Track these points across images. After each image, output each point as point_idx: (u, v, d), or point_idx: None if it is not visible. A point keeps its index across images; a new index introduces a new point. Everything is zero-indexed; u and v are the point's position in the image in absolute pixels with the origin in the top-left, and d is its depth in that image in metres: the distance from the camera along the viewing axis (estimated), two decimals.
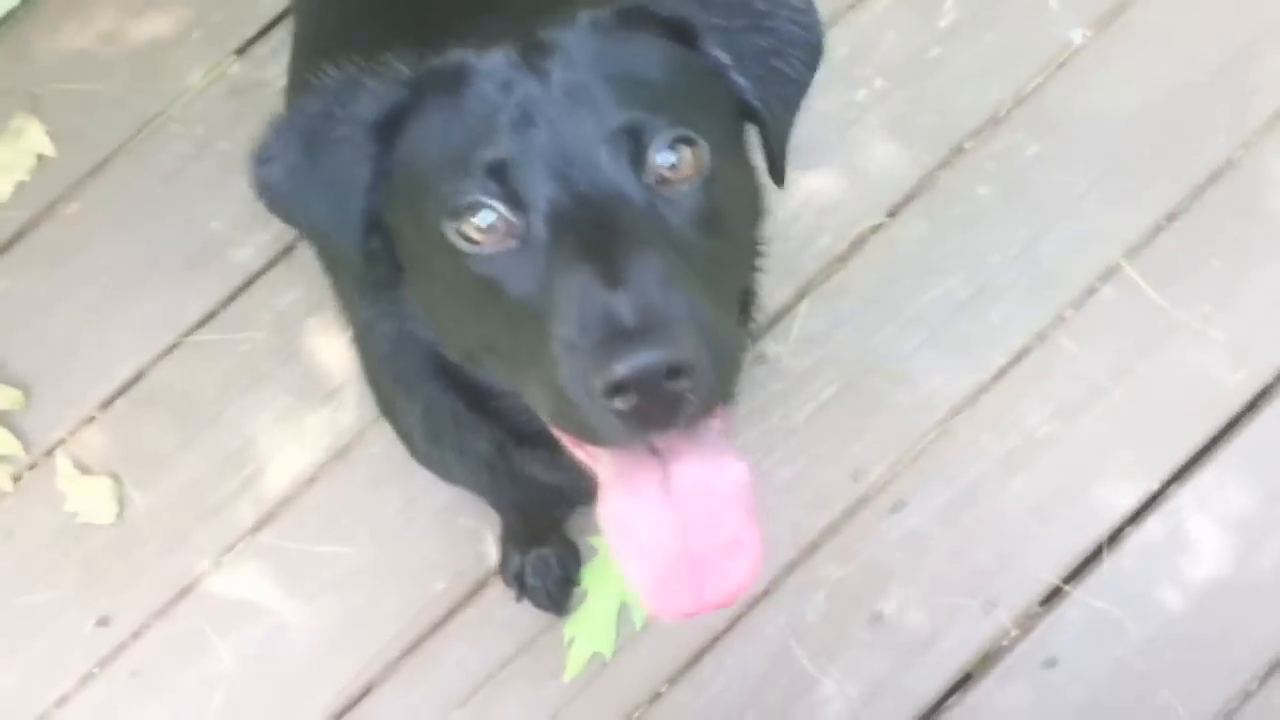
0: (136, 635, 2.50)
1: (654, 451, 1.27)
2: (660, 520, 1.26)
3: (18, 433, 2.59)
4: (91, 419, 2.60)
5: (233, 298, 2.62)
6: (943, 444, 2.48)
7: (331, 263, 1.85)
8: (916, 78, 2.68)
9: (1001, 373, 2.51)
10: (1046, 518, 2.44)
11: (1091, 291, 2.54)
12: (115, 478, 2.56)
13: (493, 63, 1.31)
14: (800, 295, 2.57)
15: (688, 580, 1.26)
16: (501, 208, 1.26)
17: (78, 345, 2.64)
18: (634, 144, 1.26)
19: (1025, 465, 2.46)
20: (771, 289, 2.47)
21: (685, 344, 1.13)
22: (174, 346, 2.63)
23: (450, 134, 1.31)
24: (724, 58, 1.38)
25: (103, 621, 2.51)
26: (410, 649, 2.46)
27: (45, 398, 2.62)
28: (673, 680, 2.42)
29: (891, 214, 2.61)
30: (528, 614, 2.45)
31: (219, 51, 2.77)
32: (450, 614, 2.47)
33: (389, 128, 1.35)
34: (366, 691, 2.45)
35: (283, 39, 2.69)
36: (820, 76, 2.59)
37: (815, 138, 2.65)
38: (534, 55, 1.31)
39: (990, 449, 2.47)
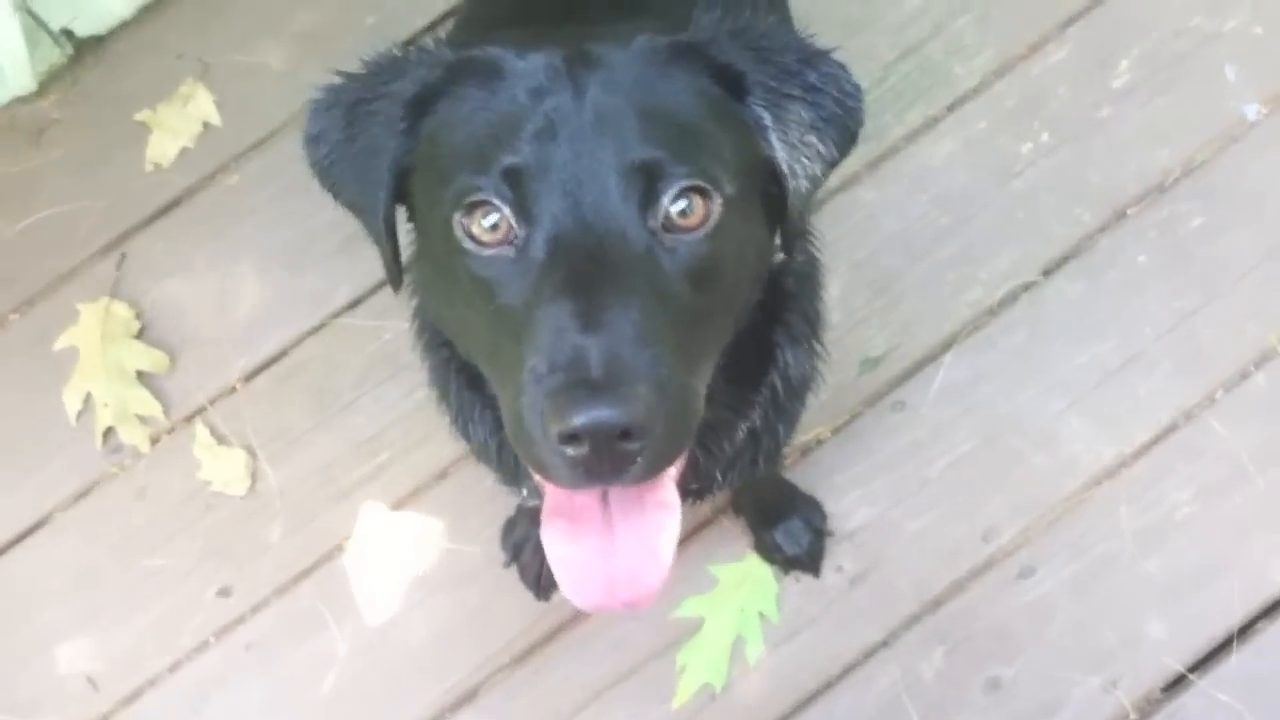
0: (255, 609, 2.39)
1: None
2: (592, 545, 1.27)
3: (159, 395, 2.49)
4: (233, 390, 2.50)
5: (381, 285, 2.50)
6: (1078, 513, 2.31)
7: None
8: (1084, 136, 2.50)
9: (1145, 447, 2.33)
10: (1177, 601, 2.26)
11: (1245, 375, 2.35)
12: (250, 451, 2.46)
13: (532, 65, 1.25)
14: (946, 345, 2.41)
15: (605, 580, 1.27)
16: (509, 212, 1.20)
17: (225, 316, 2.54)
18: (648, 183, 1.20)
19: (1161, 544, 2.29)
20: (919, 334, 2.36)
21: (642, 408, 1.10)
22: (320, 327, 2.52)
23: (476, 126, 1.25)
24: (766, 118, 1.30)
25: (224, 592, 2.41)
26: (521, 657, 2.33)
27: (189, 364, 2.52)
28: None
29: (1046, 272, 2.44)
30: (640, 634, 2.32)
31: (390, 39, 2.64)
32: (564, 626, 2.34)
33: (421, 105, 1.30)
34: (473, 694, 2.33)
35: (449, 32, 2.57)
36: (985, 124, 2.48)
37: (975, 186, 2.49)
38: (577, 67, 1.24)
39: (1127, 523, 2.30)
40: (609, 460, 1.12)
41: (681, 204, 1.21)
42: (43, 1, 2.61)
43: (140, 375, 2.50)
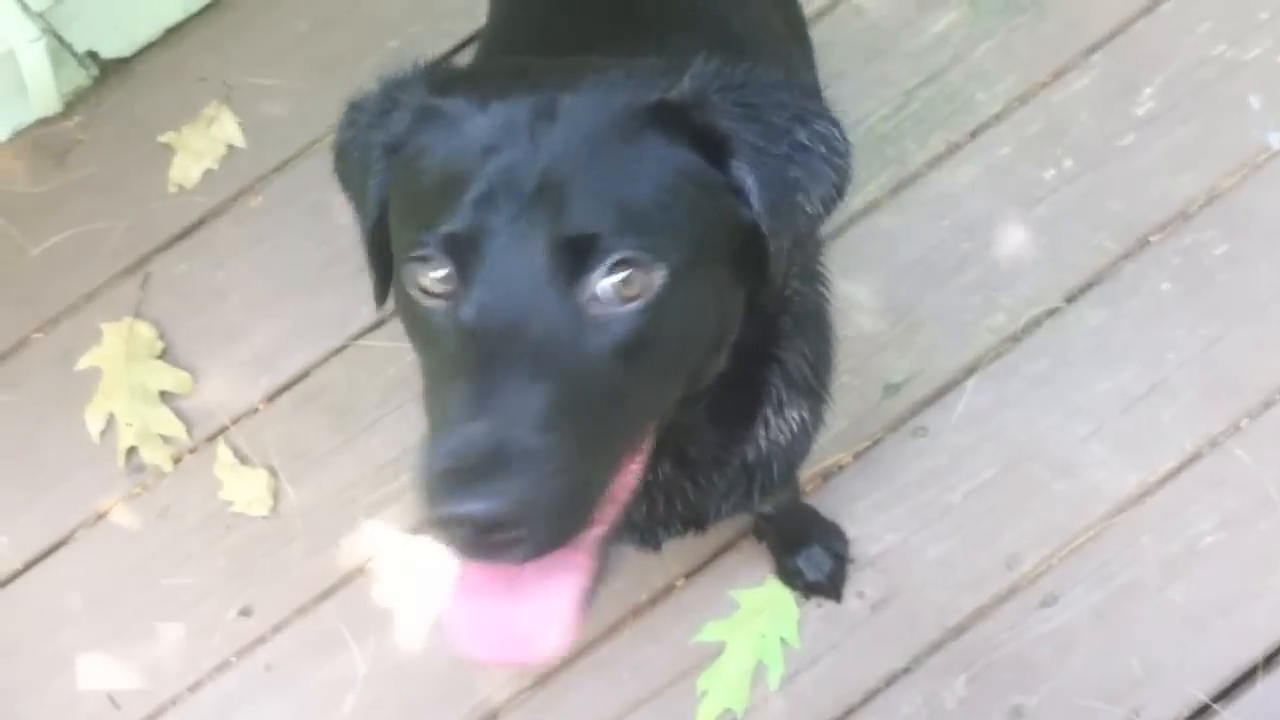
0: (276, 629, 2.41)
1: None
2: (491, 601, 1.25)
3: (181, 415, 2.52)
4: (255, 410, 2.52)
5: None
6: (1102, 541, 2.32)
7: None
8: (1107, 163, 2.52)
9: (1170, 475, 2.34)
10: (1201, 631, 2.27)
11: (1269, 403, 2.36)
12: (272, 471, 2.48)
13: (491, 119, 1.23)
14: (969, 371, 2.42)
15: (500, 637, 1.25)
16: (451, 269, 1.20)
17: (248, 337, 2.57)
18: (578, 259, 1.18)
19: (1185, 573, 2.29)
20: (940, 359, 2.38)
21: (510, 502, 1.10)
22: (341, 348, 2.54)
23: (430, 179, 1.25)
24: (749, 181, 1.26)
25: (245, 612, 2.43)
26: (542, 680, 2.34)
27: (211, 384, 2.55)
28: None
29: (1069, 299, 2.45)
30: (660, 660, 2.33)
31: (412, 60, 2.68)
32: (584, 650, 2.35)
33: (396, 149, 1.31)
34: (493, 717, 2.34)
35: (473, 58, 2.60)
36: (1008, 150, 2.50)
37: (997, 213, 2.51)
38: (541, 121, 1.22)
39: (1150, 552, 2.30)
40: (485, 547, 1.13)
41: (614, 278, 1.18)
42: (68, 24, 2.64)
43: (163, 395, 2.53)
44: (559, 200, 1.19)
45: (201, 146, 2.68)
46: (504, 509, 1.10)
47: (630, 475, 1.30)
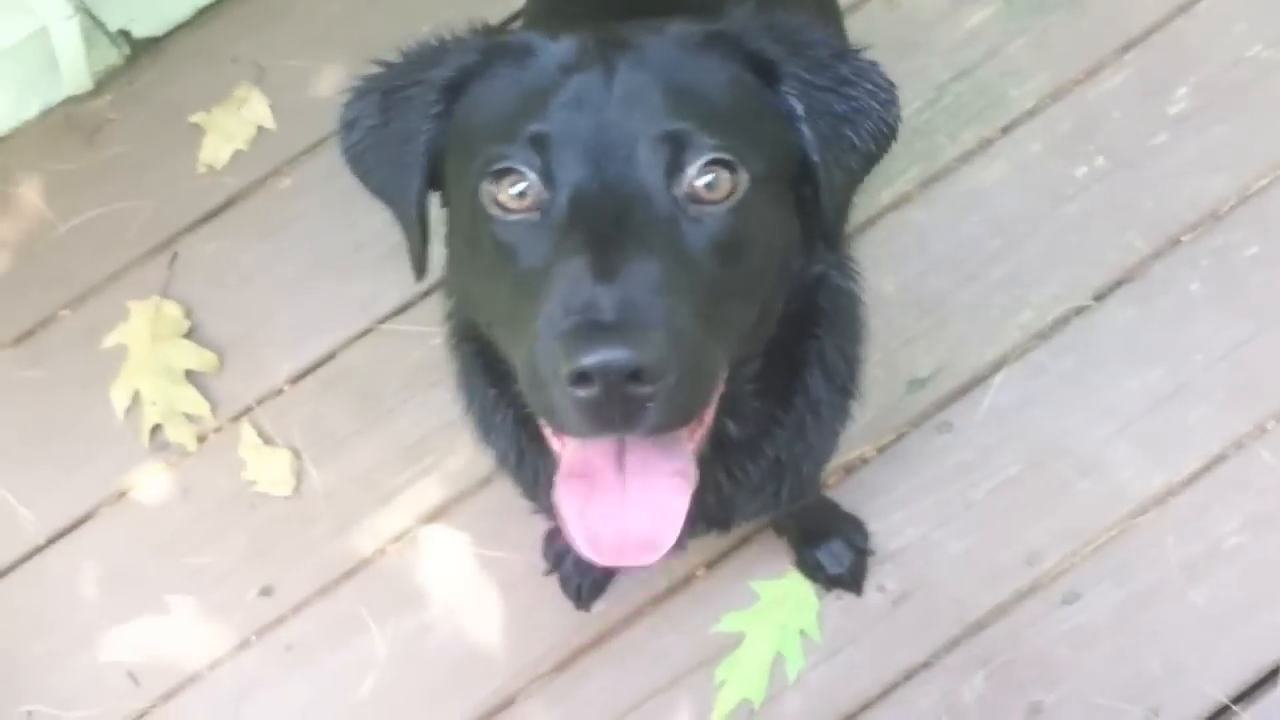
0: (296, 610, 2.43)
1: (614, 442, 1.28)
2: (605, 506, 1.29)
3: (207, 395, 2.54)
4: (280, 391, 2.55)
5: (429, 292, 2.53)
6: (1124, 540, 2.33)
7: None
8: (1139, 162, 2.52)
9: (1194, 476, 2.34)
10: (1222, 632, 2.28)
11: None
12: (295, 452, 2.50)
13: (564, 45, 1.30)
14: (995, 367, 2.43)
15: (616, 540, 1.29)
16: (534, 178, 1.23)
17: (274, 318, 2.59)
18: (675, 153, 1.23)
19: (1207, 575, 2.30)
20: (967, 355, 2.39)
21: (653, 351, 1.11)
22: (367, 331, 2.56)
23: (506, 101, 1.29)
24: (798, 107, 1.33)
25: (265, 591, 2.45)
26: (560, 666, 2.36)
27: (237, 365, 2.57)
28: None
29: (1098, 297, 2.46)
30: (680, 649, 2.35)
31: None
32: (603, 637, 2.37)
33: (456, 89, 1.34)
34: (510, 702, 2.36)
35: None
36: (1039, 147, 2.51)
37: (1027, 209, 2.51)
38: (608, 47, 1.28)
39: (1172, 553, 2.31)
40: (620, 404, 1.13)
41: (708, 176, 1.24)
42: (101, 2, 2.67)
43: (188, 374, 2.55)
44: (648, 103, 1.24)
45: (232, 127, 2.70)
46: (648, 356, 1.11)
47: (714, 398, 1.32)
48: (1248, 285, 2.44)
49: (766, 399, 1.51)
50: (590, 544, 1.30)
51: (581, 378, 1.11)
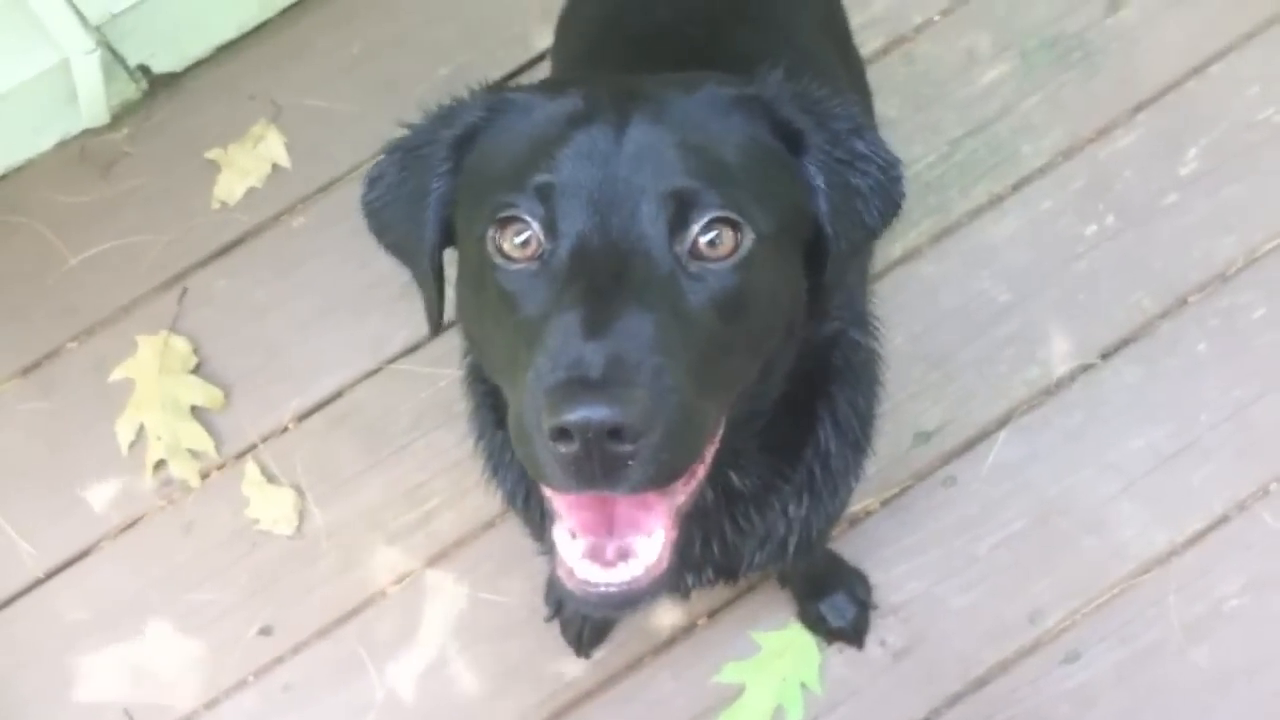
0: (296, 650, 2.48)
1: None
2: (592, 555, 1.33)
3: (212, 431, 2.60)
4: (285, 429, 2.60)
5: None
6: (1126, 599, 2.37)
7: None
8: (1149, 221, 2.58)
9: (1197, 536, 2.39)
10: (1223, 693, 2.32)
11: None
12: (299, 491, 2.55)
13: (568, 100, 1.33)
14: (1001, 423, 2.48)
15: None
16: (538, 228, 1.27)
17: (282, 355, 2.65)
18: (680, 210, 1.26)
19: (1209, 635, 2.34)
20: (973, 410, 2.44)
21: (635, 410, 1.13)
22: (375, 371, 2.62)
23: (516, 152, 1.33)
24: (820, 179, 1.38)
25: (265, 631, 2.50)
26: (559, 713, 2.39)
27: (243, 402, 2.63)
28: None
29: (1104, 355, 2.51)
30: (679, 699, 2.39)
31: (462, 90, 2.76)
32: (601, 686, 2.41)
33: (465, 145, 1.39)
34: None
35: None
36: (1050, 204, 2.57)
37: (1037, 266, 2.57)
38: (623, 99, 1.32)
39: (1175, 613, 2.36)
40: (600, 461, 1.15)
41: (711, 234, 1.27)
42: (123, 37, 2.74)
43: (194, 410, 2.60)
44: (658, 159, 1.28)
45: (247, 164, 2.76)
46: (630, 415, 1.14)
47: (708, 453, 1.35)
48: (1254, 346, 2.49)
49: (774, 453, 1.55)
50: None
51: (562, 433, 1.14)
